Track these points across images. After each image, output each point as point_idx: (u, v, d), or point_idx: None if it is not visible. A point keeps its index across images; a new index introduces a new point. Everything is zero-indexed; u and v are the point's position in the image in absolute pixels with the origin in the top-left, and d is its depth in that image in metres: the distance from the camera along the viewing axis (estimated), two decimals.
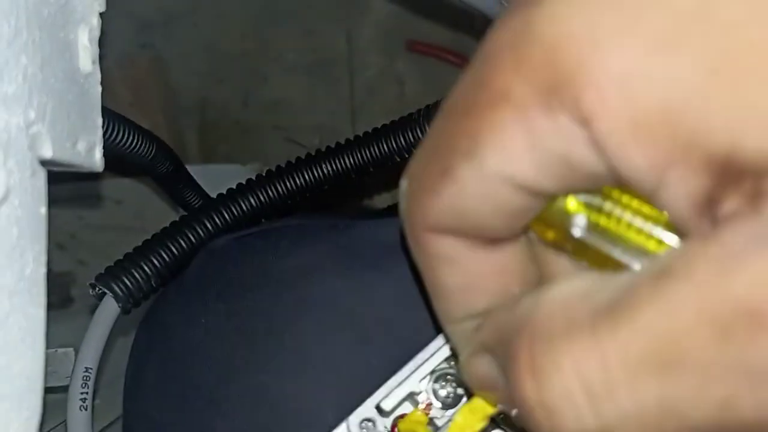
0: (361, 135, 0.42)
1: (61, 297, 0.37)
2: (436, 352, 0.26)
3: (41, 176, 0.24)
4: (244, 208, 0.40)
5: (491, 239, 0.18)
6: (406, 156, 0.41)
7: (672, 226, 0.15)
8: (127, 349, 0.38)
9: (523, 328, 0.16)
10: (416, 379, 0.26)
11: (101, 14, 0.29)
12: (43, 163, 0.24)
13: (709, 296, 0.12)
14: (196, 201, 0.51)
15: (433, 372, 0.26)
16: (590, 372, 0.14)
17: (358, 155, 0.41)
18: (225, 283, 0.35)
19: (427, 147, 0.17)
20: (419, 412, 0.26)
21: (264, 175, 0.41)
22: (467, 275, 0.18)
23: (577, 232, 0.17)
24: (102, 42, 0.29)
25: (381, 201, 0.63)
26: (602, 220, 0.16)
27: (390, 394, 0.26)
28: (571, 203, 0.17)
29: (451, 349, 0.25)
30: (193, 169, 0.52)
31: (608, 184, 0.15)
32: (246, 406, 0.31)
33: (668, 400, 0.13)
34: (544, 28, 0.14)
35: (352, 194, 0.60)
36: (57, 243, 0.56)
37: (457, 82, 0.17)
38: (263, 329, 0.33)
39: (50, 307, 0.24)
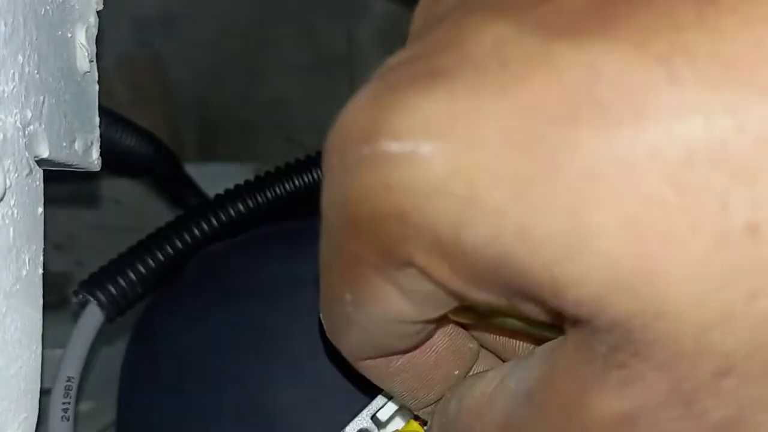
0: None
1: (59, 298, 0.37)
2: None
3: (38, 176, 0.23)
4: (233, 213, 0.40)
5: (406, 351, 0.20)
6: None
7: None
8: (122, 353, 0.37)
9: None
10: None
11: (99, 13, 0.29)
12: (40, 162, 0.24)
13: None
14: (195, 201, 0.51)
15: None
16: None
17: None
18: (219, 291, 0.35)
19: (322, 295, 0.19)
20: (415, 423, 0.26)
21: (255, 179, 0.41)
22: (409, 380, 0.21)
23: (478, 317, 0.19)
24: (100, 41, 0.29)
25: None
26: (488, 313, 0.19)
27: (385, 404, 0.26)
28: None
29: None
30: (192, 169, 0.52)
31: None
32: (240, 418, 0.31)
33: None
34: (357, 208, 0.15)
35: None
36: (54, 243, 0.56)
37: (321, 235, 0.18)
38: (256, 338, 0.32)
39: (47, 307, 0.24)
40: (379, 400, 0.26)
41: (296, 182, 0.41)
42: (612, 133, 0.13)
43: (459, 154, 0.14)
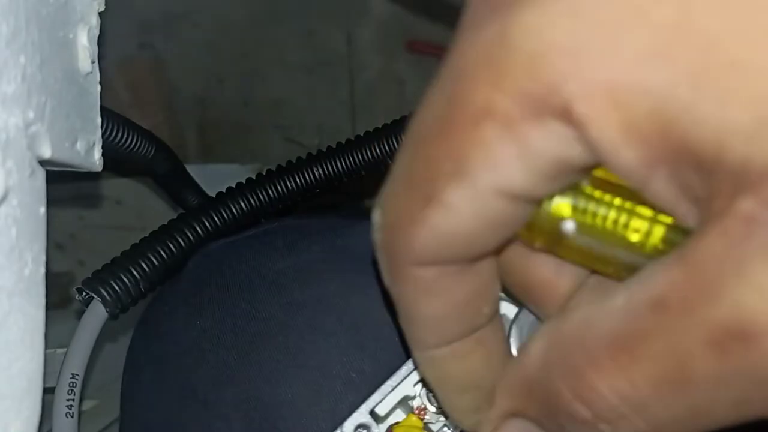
0: (353, 138, 0.42)
1: (61, 297, 0.37)
2: None
3: (40, 176, 0.24)
4: (235, 211, 0.40)
5: (473, 259, 0.18)
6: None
7: (655, 216, 0.16)
8: (125, 350, 0.38)
9: (554, 375, 0.17)
10: (410, 383, 0.26)
11: (100, 14, 0.29)
12: (42, 162, 0.24)
13: (704, 324, 0.14)
14: (196, 201, 0.51)
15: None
16: (626, 392, 0.15)
17: (352, 158, 0.41)
18: (220, 286, 0.35)
19: (399, 176, 0.17)
20: (414, 417, 0.25)
21: (256, 177, 0.41)
22: (448, 304, 0.18)
23: (568, 234, 0.17)
24: (101, 42, 0.29)
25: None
26: (589, 220, 0.17)
27: (384, 399, 0.25)
28: (559, 207, 0.17)
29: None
30: (192, 169, 0.52)
31: (595, 171, 0.16)
32: (240, 411, 0.31)
33: (691, 407, 0.15)
34: (523, 40, 0.14)
35: (353, 194, 0.60)
36: (56, 243, 0.56)
37: (422, 105, 0.16)
38: (258, 332, 0.32)
39: (49, 307, 0.24)
40: (378, 394, 0.26)
41: (297, 180, 0.41)
42: None
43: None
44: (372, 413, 0.26)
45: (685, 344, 0.14)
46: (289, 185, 0.41)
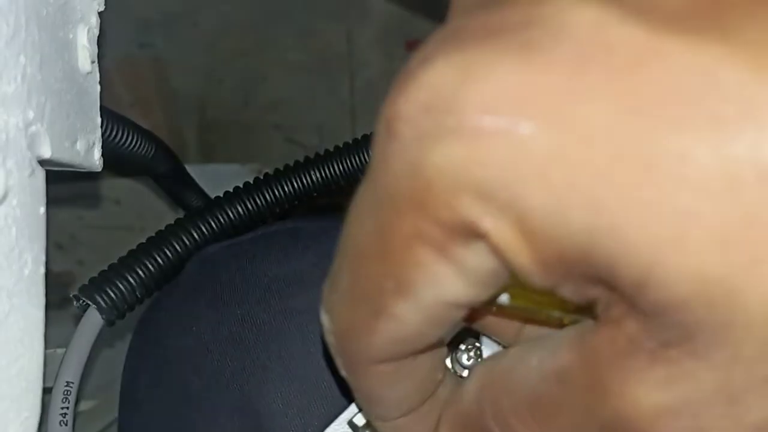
0: (351, 141, 0.42)
1: (61, 297, 0.37)
2: None
3: (40, 176, 0.24)
4: (232, 215, 0.40)
5: (428, 348, 0.19)
6: None
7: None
8: (123, 353, 0.37)
9: (486, 414, 0.18)
10: None
11: (100, 14, 0.29)
12: (42, 162, 0.24)
13: (595, 410, 0.16)
14: (196, 201, 0.51)
15: None
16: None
17: (350, 161, 0.41)
18: (216, 291, 0.35)
19: (343, 289, 0.18)
20: None
21: (254, 182, 0.41)
22: (409, 386, 0.20)
23: (502, 303, 0.18)
24: (101, 42, 0.29)
25: None
26: (520, 295, 0.18)
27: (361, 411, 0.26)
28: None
29: None
30: (192, 169, 0.52)
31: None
32: (234, 418, 0.31)
33: None
34: (435, 178, 0.14)
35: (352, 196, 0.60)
36: (56, 243, 0.56)
37: (353, 220, 0.17)
38: (252, 338, 0.32)
39: (49, 307, 0.24)
40: (355, 406, 0.26)
41: (295, 185, 0.41)
42: (728, 150, 0.12)
43: (563, 142, 0.13)
44: (350, 423, 0.26)
45: (582, 419, 0.16)
46: (286, 189, 0.41)
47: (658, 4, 0.13)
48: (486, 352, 0.23)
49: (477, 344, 0.25)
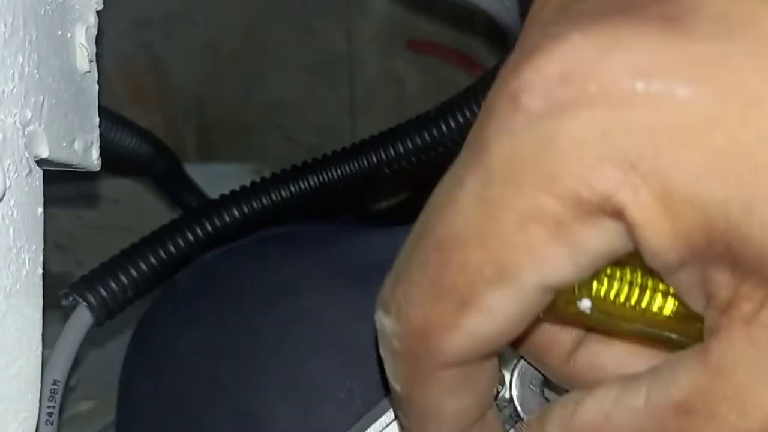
0: (349, 147, 0.42)
1: (59, 297, 0.37)
2: None
3: (38, 176, 0.23)
4: (227, 218, 0.39)
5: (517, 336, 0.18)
6: (396, 167, 0.41)
7: (668, 289, 0.17)
8: (117, 354, 0.37)
9: None
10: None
11: (99, 13, 0.29)
12: (40, 162, 0.24)
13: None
14: (194, 201, 0.51)
15: None
16: None
17: (348, 167, 0.41)
18: (214, 298, 0.35)
19: (422, 282, 0.17)
20: None
21: (251, 185, 0.41)
22: (473, 397, 0.18)
23: (585, 312, 0.17)
24: (100, 41, 0.29)
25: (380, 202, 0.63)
26: (604, 300, 0.17)
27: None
28: (579, 289, 0.17)
29: None
30: (191, 169, 0.52)
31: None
32: (232, 425, 0.31)
33: None
34: (574, 149, 0.14)
35: (351, 199, 0.60)
36: (54, 243, 0.56)
37: (444, 207, 0.16)
38: (250, 346, 0.32)
39: (47, 307, 0.24)
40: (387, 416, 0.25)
41: (292, 188, 0.41)
42: None
43: (724, 104, 0.13)
44: None
45: None
46: (283, 193, 0.41)
47: None
48: (515, 392, 0.22)
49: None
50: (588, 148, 0.14)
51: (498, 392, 0.21)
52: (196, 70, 0.65)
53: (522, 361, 0.22)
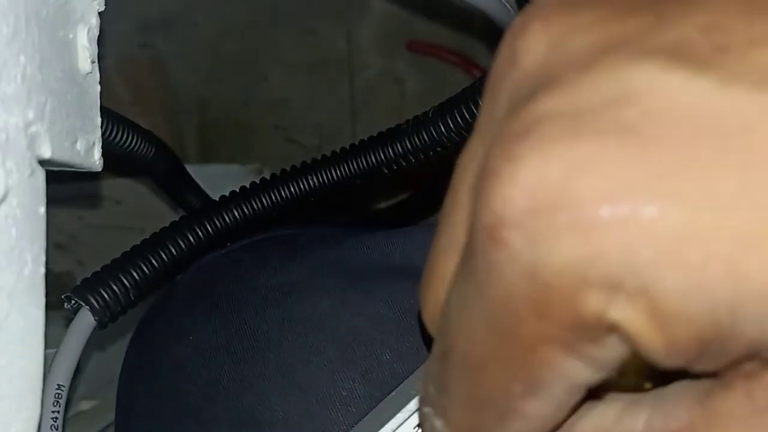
0: (348, 147, 0.42)
1: (60, 297, 0.37)
2: None
3: (40, 176, 0.24)
4: (228, 219, 0.39)
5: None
6: (395, 167, 0.41)
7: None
8: (118, 355, 0.37)
9: None
10: (410, 427, 0.25)
11: (100, 14, 0.29)
12: (42, 162, 0.24)
13: None
14: (196, 201, 0.51)
15: None
16: None
17: (347, 167, 0.41)
18: (213, 300, 0.35)
19: (461, 397, 0.17)
20: None
21: (250, 186, 0.41)
22: None
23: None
24: (101, 42, 0.29)
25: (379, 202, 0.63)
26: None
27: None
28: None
29: None
30: (192, 169, 0.52)
31: None
32: (232, 429, 0.31)
33: None
34: (554, 281, 0.14)
35: (347, 198, 0.60)
36: (56, 243, 0.56)
37: (460, 330, 0.16)
38: (250, 348, 0.32)
39: (49, 307, 0.24)
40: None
41: (292, 189, 0.41)
42: None
43: (693, 217, 0.13)
44: None
45: None
46: (283, 194, 0.41)
47: (745, 67, 0.13)
48: None
49: None
50: (569, 278, 0.14)
51: None
52: (197, 70, 0.65)
53: None
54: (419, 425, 0.24)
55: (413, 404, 0.24)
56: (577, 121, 0.14)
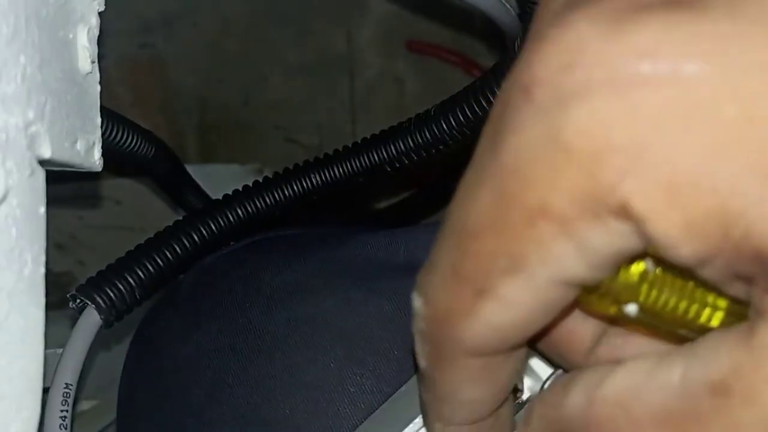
0: (350, 145, 0.42)
1: (60, 297, 0.37)
2: None
3: (40, 176, 0.24)
4: (231, 218, 0.39)
5: (522, 344, 0.18)
6: (397, 165, 0.41)
7: (714, 301, 0.16)
8: (122, 354, 0.37)
9: (584, 429, 0.17)
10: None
11: (100, 14, 0.29)
12: (42, 162, 0.24)
13: None
14: (196, 201, 0.51)
15: None
16: None
17: (349, 165, 0.41)
18: (217, 300, 0.35)
19: (444, 268, 0.17)
20: None
21: (253, 185, 0.41)
22: (492, 388, 0.19)
23: (630, 315, 0.17)
24: (101, 42, 0.29)
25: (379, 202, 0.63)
26: (651, 305, 0.17)
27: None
28: (622, 294, 0.17)
29: None
30: (192, 169, 0.52)
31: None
32: (238, 428, 0.31)
33: None
34: (577, 140, 0.14)
35: (350, 196, 0.60)
36: (56, 243, 0.56)
37: (464, 196, 0.16)
38: (254, 347, 0.32)
39: (49, 307, 0.24)
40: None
41: (296, 187, 0.41)
42: None
43: (734, 78, 0.13)
44: None
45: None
46: (286, 192, 0.41)
47: None
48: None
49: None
50: (591, 139, 0.14)
51: (518, 390, 0.21)
52: (197, 70, 0.65)
53: (558, 372, 0.22)
54: None
55: None
56: None
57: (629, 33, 0.13)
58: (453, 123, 0.38)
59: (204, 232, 0.38)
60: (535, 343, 0.20)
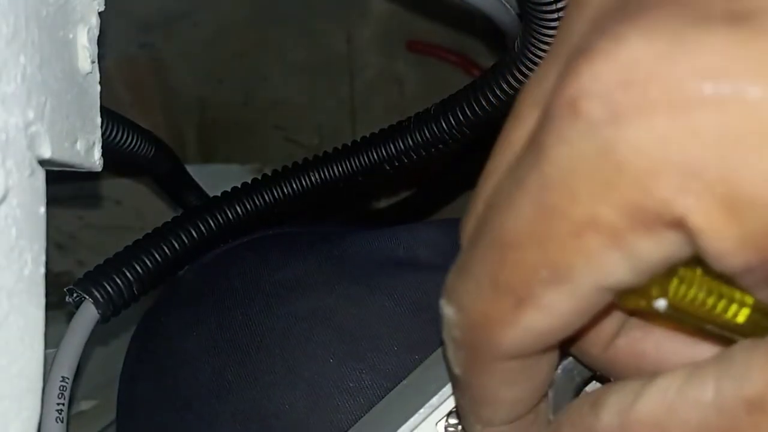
0: (350, 144, 0.42)
1: (60, 297, 0.37)
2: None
3: (40, 176, 0.24)
4: (230, 215, 0.39)
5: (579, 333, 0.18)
6: (397, 164, 0.41)
7: (743, 298, 0.16)
8: (120, 352, 0.37)
9: None
10: (432, 422, 0.24)
11: (100, 14, 0.29)
12: (42, 162, 0.24)
13: None
14: (196, 201, 0.51)
15: (450, 413, 0.24)
16: None
17: (349, 164, 0.41)
18: (217, 296, 0.35)
19: (480, 277, 0.17)
20: None
21: (252, 182, 0.41)
22: (529, 389, 0.19)
23: (659, 310, 0.17)
24: (101, 42, 0.29)
25: (378, 202, 0.63)
26: (680, 301, 0.17)
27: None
28: (654, 290, 0.17)
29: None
30: (192, 169, 0.52)
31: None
32: (238, 423, 0.31)
33: None
34: (632, 156, 0.14)
35: (350, 196, 0.60)
36: (56, 243, 0.56)
37: (503, 206, 0.16)
38: (255, 343, 0.32)
39: (49, 307, 0.24)
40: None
41: (295, 185, 0.41)
42: None
43: None
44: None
45: None
46: (286, 190, 0.41)
47: None
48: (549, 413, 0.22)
49: None
50: (648, 156, 0.14)
51: (553, 384, 0.21)
52: (197, 70, 0.65)
53: (566, 361, 0.22)
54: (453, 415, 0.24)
55: (436, 399, 0.24)
56: (686, 8, 0.14)
57: (690, 51, 0.13)
58: (453, 122, 0.39)
59: (203, 228, 0.38)
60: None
